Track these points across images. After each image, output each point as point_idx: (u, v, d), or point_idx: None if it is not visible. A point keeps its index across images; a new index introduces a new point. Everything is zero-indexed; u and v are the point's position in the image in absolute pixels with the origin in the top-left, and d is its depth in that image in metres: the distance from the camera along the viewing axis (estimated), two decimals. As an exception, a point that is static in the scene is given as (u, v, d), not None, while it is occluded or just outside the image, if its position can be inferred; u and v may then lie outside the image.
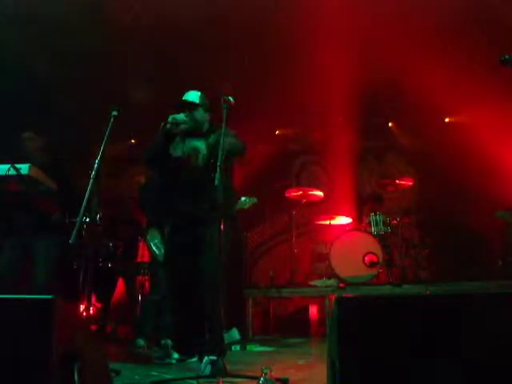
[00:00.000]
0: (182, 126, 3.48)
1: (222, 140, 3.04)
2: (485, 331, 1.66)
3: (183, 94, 3.66)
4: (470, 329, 1.67)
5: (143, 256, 5.73)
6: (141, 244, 5.86)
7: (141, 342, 4.65)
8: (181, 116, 3.48)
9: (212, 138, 3.56)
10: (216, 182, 2.90)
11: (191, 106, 3.56)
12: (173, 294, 3.64)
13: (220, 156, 2.99)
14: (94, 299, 5.49)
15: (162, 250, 4.49)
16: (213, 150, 3.46)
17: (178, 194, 3.56)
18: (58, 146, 4.64)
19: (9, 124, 4.50)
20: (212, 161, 3.42)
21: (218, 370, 2.82)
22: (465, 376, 1.62)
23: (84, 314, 4.73)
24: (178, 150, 3.60)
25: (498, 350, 1.64)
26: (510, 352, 1.63)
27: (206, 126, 3.66)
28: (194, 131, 3.58)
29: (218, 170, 2.93)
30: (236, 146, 3.44)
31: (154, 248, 4.69)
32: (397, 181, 6.25)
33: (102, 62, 5.59)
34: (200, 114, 3.60)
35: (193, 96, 3.61)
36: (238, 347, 4.42)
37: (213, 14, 5.06)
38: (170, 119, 3.44)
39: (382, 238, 5.81)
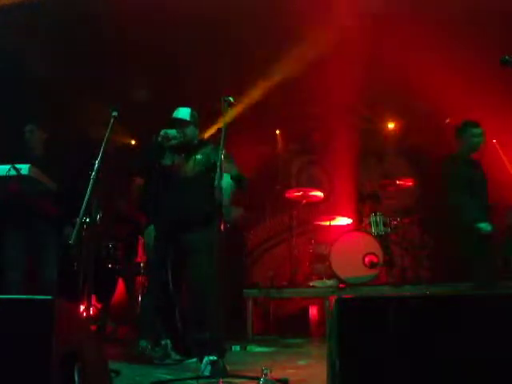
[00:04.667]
0: (173, 142, 3.61)
1: (222, 140, 3.05)
2: (484, 331, 1.66)
3: (174, 111, 3.76)
4: (469, 329, 1.67)
5: (143, 256, 5.74)
6: (141, 244, 5.87)
7: (144, 342, 4.65)
8: (173, 131, 3.61)
9: (201, 153, 3.69)
10: (216, 183, 2.90)
11: (183, 124, 3.67)
12: (171, 294, 3.63)
13: (220, 156, 2.99)
14: (93, 299, 5.49)
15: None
16: (206, 163, 3.62)
17: (172, 197, 3.58)
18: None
19: (8, 124, 4.50)
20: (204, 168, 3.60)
21: (217, 371, 2.82)
22: (465, 376, 1.62)
23: (84, 313, 4.74)
24: (167, 161, 3.71)
25: (497, 350, 1.64)
26: (509, 352, 1.63)
27: (195, 141, 3.78)
28: (183, 146, 3.69)
29: (217, 171, 2.93)
30: (240, 180, 3.54)
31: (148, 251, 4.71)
32: (397, 181, 6.25)
33: (101, 62, 5.60)
34: (191, 131, 3.72)
35: (183, 113, 3.73)
36: (237, 347, 4.41)
37: (214, 13, 5.07)
38: (162, 133, 3.57)
39: (382, 239, 5.81)
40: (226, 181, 3.29)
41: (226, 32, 5.32)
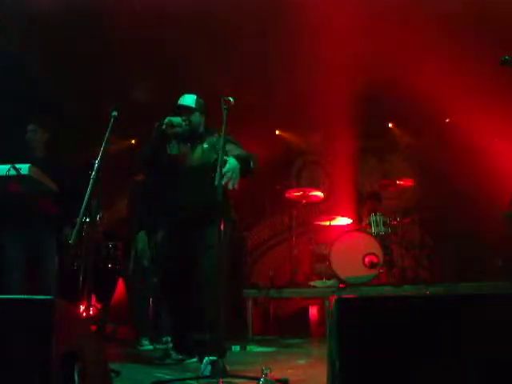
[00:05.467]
0: (177, 129, 3.51)
1: (222, 140, 3.05)
2: (485, 331, 1.66)
3: (179, 97, 3.67)
4: (470, 329, 1.67)
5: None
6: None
7: (146, 341, 4.67)
8: (177, 119, 3.51)
9: (208, 143, 3.59)
10: (216, 182, 2.90)
11: (188, 110, 3.58)
12: (172, 294, 3.63)
13: (220, 156, 2.99)
14: (93, 299, 5.49)
15: (147, 254, 4.56)
16: (210, 153, 3.52)
17: (176, 193, 3.56)
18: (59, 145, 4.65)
19: (8, 124, 4.51)
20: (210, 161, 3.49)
21: (218, 371, 2.82)
22: (465, 376, 1.62)
23: (84, 314, 4.74)
24: (173, 150, 3.62)
25: (497, 351, 1.64)
26: (509, 352, 1.63)
27: (200, 129, 3.68)
28: (190, 135, 3.60)
29: (218, 170, 2.93)
30: (247, 161, 3.33)
31: (139, 254, 4.76)
32: (397, 181, 6.25)
33: (101, 62, 5.60)
34: (196, 118, 3.62)
35: (189, 100, 3.63)
36: (237, 347, 4.42)
37: (214, 12, 5.06)
38: (166, 120, 3.46)
39: (382, 239, 5.81)
40: (232, 162, 3.12)
41: (226, 32, 5.32)
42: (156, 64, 5.79)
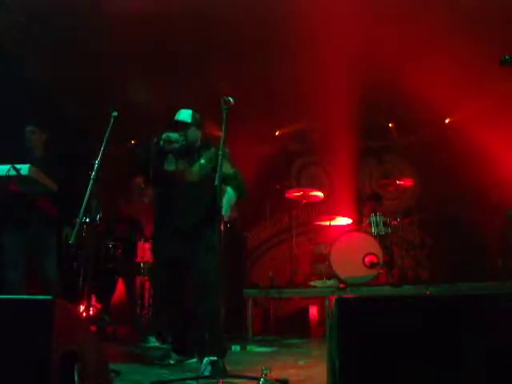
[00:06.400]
0: (175, 145, 3.55)
1: (222, 141, 3.05)
2: (485, 331, 1.66)
3: (176, 113, 3.70)
4: (470, 329, 1.67)
5: (143, 256, 5.74)
6: (140, 244, 5.87)
7: (152, 339, 4.67)
8: (174, 135, 3.55)
9: (204, 158, 3.62)
10: (216, 182, 2.90)
11: (184, 126, 3.62)
12: (171, 294, 3.63)
13: (220, 156, 3.00)
14: (93, 299, 5.49)
15: None
16: (207, 168, 3.57)
17: (176, 210, 3.55)
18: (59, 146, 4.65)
19: (8, 125, 4.51)
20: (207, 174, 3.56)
21: (217, 371, 2.82)
22: (465, 376, 1.62)
23: (84, 314, 4.74)
24: (171, 167, 3.64)
25: (497, 351, 1.64)
26: (509, 352, 1.63)
27: (197, 144, 3.71)
28: (186, 150, 3.63)
29: (217, 170, 2.93)
30: (242, 190, 3.56)
31: None
32: (397, 181, 6.25)
33: (101, 63, 5.60)
34: (192, 133, 3.65)
35: (185, 115, 3.66)
36: (238, 347, 4.42)
37: (213, 13, 5.06)
38: (164, 136, 3.50)
39: (382, 239, 5.81)
40: (229, 193, 3.34)
41: (226, 32, 5.31)
42: (156, 64, 5.79)
